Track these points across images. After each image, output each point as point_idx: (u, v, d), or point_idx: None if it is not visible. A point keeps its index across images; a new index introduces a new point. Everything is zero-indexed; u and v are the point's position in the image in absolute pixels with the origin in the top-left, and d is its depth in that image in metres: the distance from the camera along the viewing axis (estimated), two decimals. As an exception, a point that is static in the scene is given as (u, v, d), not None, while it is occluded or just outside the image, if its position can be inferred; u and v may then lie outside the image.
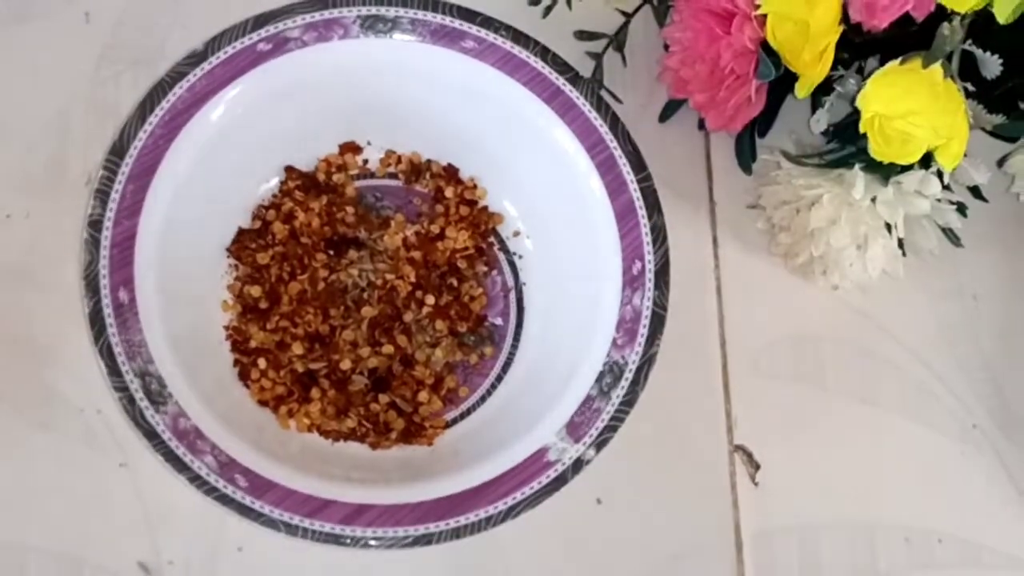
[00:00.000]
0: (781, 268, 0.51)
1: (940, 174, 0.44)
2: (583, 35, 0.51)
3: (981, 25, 0.42)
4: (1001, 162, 0.48)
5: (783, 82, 0.45)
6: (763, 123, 0.50)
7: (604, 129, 0.45)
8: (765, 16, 0.43)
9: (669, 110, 0.52)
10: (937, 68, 0.41)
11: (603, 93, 0.48)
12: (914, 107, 0.41)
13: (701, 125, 0.52)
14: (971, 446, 0.49)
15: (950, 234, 0.47)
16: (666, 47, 0.49)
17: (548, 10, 0.50)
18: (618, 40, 0.51)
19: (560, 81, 0.46)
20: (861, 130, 0.43)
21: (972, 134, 0.44)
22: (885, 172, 0.45)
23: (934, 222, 0.46)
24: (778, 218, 0.48)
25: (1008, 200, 0.51)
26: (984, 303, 0.51)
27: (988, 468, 0.49)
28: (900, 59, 0.42)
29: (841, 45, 0.44)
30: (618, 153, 0.45)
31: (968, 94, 0.43)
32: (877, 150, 0.43)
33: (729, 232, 0.51)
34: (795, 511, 0.47)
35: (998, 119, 0.45)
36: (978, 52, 0.42)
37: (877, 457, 0.49)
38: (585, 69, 0.48)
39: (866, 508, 0.48)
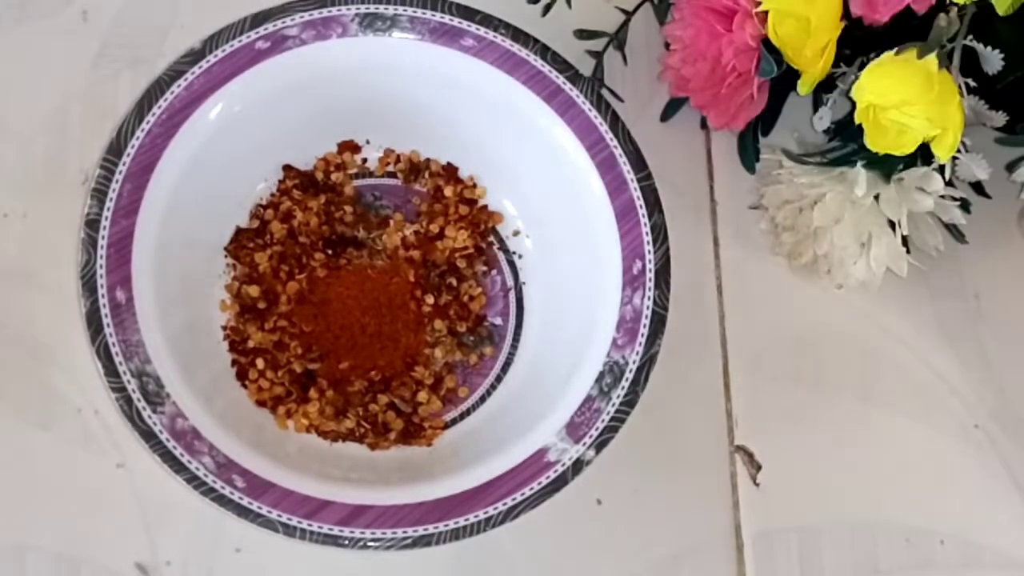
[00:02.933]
0: (782, 268, 0.50)
1: (942, 170, 0.44)
2: (583, 34, 0.50)
3: (982, 20, 0.42)
4: (1010, 168, 0.47)
5: (785, 80, 0.45)
6: (766, 121, 0.50)
7: (604, 128, 0.45)
8: (766, 13, 0.43)
9: (671, 109, 0.52)
10: (932, 59, 0.41)
11: (604, 92, 0.47)
12: (907, 97, 0.41)
13: (703, 124, 0.52)
14: (973, 446, 0.49)
15: (954, 231, 0.47)
16: (667, 46, 0.49)
17: (547, 8, 0.50)
18: (619, 38, 0.50)
19: (560, 80, 0.46)
20: (856, 121, 0.42)
21: (975, 131, 0.44)
22: (887, 169, 0.45)
23: (938, 219, 0.46)
24: (781, 218, 0.48)
25: (1010, 197, 0.51)
26: (986, 302, 0.51)
27: (990, 468, 0.49)
28: (895, 50, 0.42)
29: (843, 41, 0.44)
30: (618, 152, 0.45)
31: (970, 90, 0.43)
32: (872, 141, 0.43)
33: (730, 232, 0.51)
34: (796, 511, 0.47)
35: (1000, 116, 0.45)
36: (979, 47, 0.42)
37: (878, 457, 0.49)
38: (585, 68, 0.48)
39: (867, 508, 0.48)
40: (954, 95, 0.41)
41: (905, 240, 0.46)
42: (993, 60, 0.42)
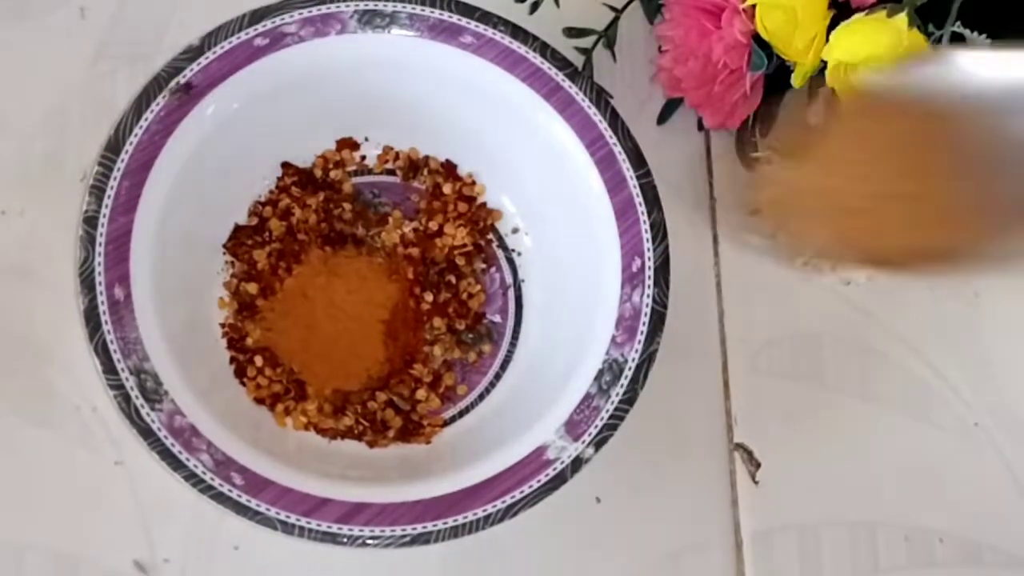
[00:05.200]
0: (782, 266, 0.50)
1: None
2: (572, 32, 0.50)
3: (970, 5, 0.42)
4: None
5: (780, 76, 0.45)
6: (764, 121, 0.49)
7: (603, 125, 0.45)
8: (754, 7, 0.43)
9: (667, 111, 0.51)
10: (902, 17, 0.41)
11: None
12: (876, 53, 0.41)
13: (700, 126, 0.52)
14: (972, 444, 0.49)
15: None
16: (660, 49, 0.49)
17: (535, 7, 0.50)
18: (608, 36, 0.50)
19: (560, 77, 0.46)
20: (827, 84, 0.42)
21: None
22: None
23: None
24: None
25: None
26: (986, 300, 0.51)
27: (989, 466, 0.49)
28: (866, 11, 0.42)
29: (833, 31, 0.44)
30: (618, 149, 0.45)
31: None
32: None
33: (730, 229, 0.51)
34: (795, 510, 0.47)
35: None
36: (967, 32, 0.42)
37: (877, 455, 0.49)
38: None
39: (866, 506, 0.48)
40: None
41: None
42: (980, 45, 0.42)
